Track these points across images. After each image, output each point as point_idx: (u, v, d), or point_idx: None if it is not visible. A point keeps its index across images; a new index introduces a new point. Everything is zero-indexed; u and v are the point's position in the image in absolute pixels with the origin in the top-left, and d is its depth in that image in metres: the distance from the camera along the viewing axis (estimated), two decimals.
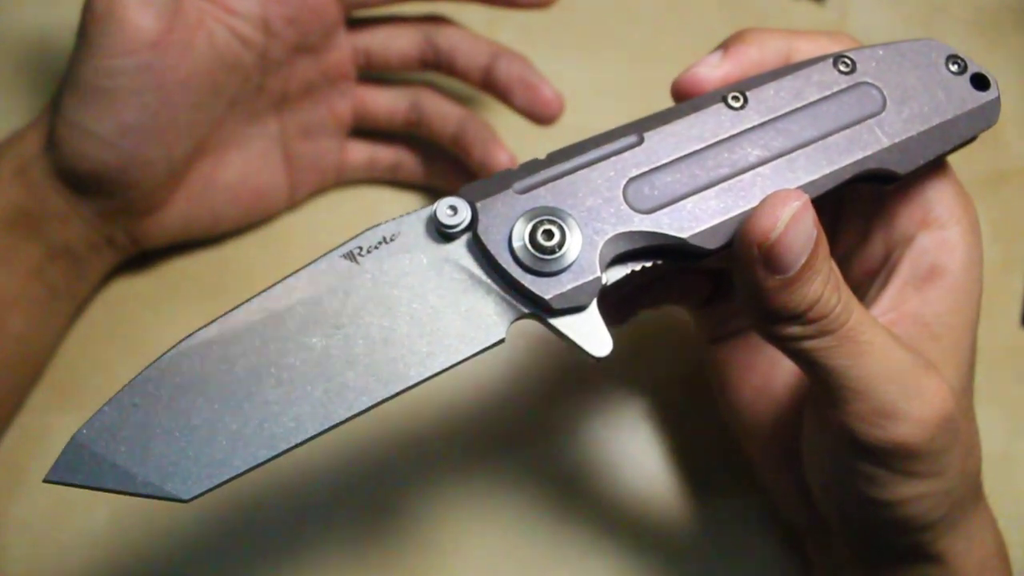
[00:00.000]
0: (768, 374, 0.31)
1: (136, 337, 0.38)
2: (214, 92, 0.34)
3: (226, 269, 0.40)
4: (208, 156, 0.37)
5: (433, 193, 0.40)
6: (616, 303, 0.32)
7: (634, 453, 0.37)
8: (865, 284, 0.28)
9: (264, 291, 0.22)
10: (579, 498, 0.36)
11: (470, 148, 0.38)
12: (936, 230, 0.27)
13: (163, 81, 0.32)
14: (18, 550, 0.35)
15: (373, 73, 0.39)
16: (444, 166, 0.40)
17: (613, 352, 0.22)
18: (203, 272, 0.40)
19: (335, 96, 0.38)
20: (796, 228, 0.22)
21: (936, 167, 0.27)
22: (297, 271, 0.22)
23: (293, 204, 0.40)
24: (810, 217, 0.22)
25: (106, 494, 0.35)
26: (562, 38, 0.45)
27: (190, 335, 0.21)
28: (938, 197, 0.27)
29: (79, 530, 0.35)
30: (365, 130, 0.40)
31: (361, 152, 0.40)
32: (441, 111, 0.38)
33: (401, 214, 0.23)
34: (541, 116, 0.37)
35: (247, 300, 0.22)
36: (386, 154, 0.40)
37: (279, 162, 0.39)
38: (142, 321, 0.39)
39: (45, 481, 0.20)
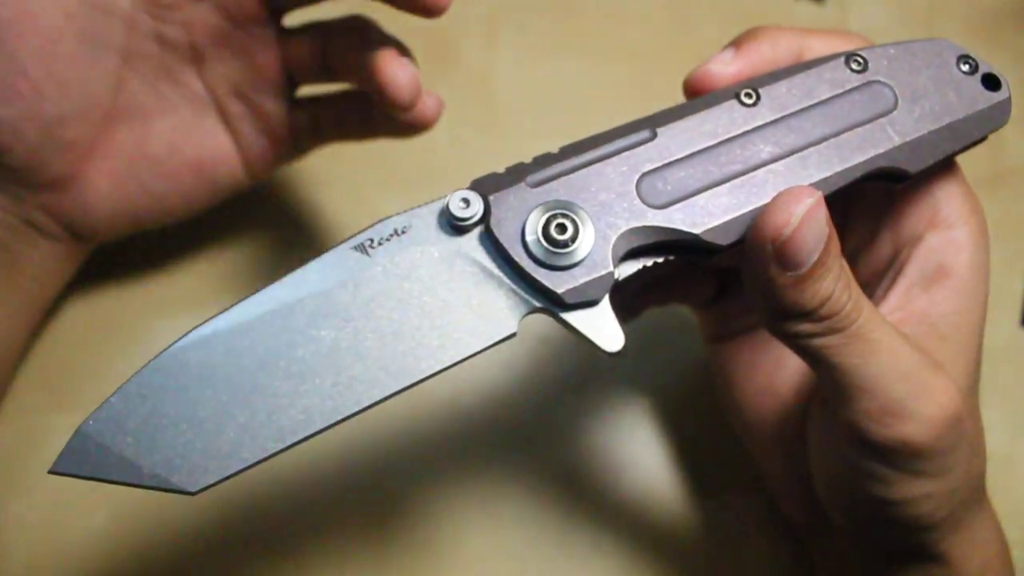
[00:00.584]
0: (773, 373, 0.32)
1: (136, 337, 0.38)
2: (89, 41, 0.32)
3: (227, 269, 0.39)
4: (125, 124, 0.34)
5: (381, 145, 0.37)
6: (623, 301, 0.32)
7: (636, 452, 0.37)
8: (872, 283, 0.28)
9: (274, 282, 0.22)
10: (581, 497, 0.36)
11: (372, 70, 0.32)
12: (944, 230, 0.27)
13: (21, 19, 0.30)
14: (18, 550, 0.35)
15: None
16: (384, 113, 0.36)
17: (621, 351, 0.22)
18: (205, 272, 0.39)
19: (254, 46, 0.34)
20: (809, 225, 0.22)
21: (945, 168, 0.27)
22: (308, 263, 0.22)
23: (254, 177, 0.37)
24: (823, 214, 0.22)
25: (106, 494, 0.35)
26: (562, 38, 0.45)
27: (198, 326, 0.21)
28: (946, 197, 0.27)
29: (79, 530, 0.35)
30: (308, 96, 0.37)
31: (304, 113, 0.36)
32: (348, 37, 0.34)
33: (412, 207, 0.23)
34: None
35: (256, 291, 0.21)
36: (328, 110, 0.36)
37: (218, 127, 0.35)
38: (142, 320, 0.38)
39: (51, 472, 0.20)
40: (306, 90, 0.36)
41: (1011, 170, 0.42)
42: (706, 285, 0.33)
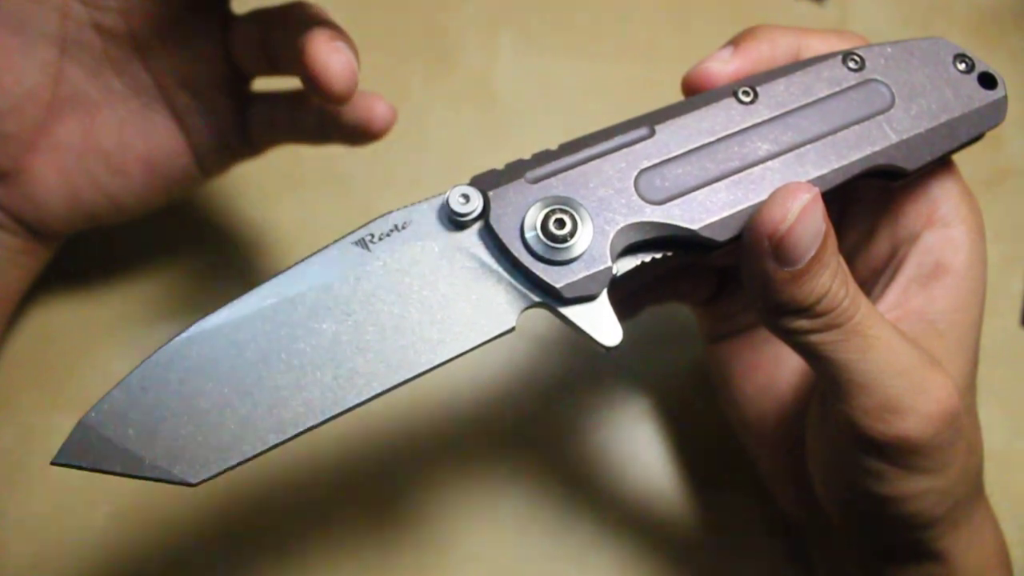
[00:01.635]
0: (772, 371, 0.32)
1: (136, 337, 0.38)
2: (21, 31, 0.31)
3: (227, 269, 0.40)
4: (70, 116, 0.33)
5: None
6: (622, 299, 0.33)
7: (636, 450, 0.37)
8: (870, 281, 0.29)
9: (275, 276, 0.22)
10: (581, 495, 0.37)
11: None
12: (941, 228, 0.27)
13: None
14: (18, 549, 0.35)
15: None
16: (336, 119, 0.35)
17: (619, 345, 0.23)
18: (205, 272, 0.40)
19: (198, 35, 0.33)
20: (806, 221, 0.22)
21: (942, 166, 0.27)
22: (309, 257, 0.22)
23: (208, 173, 0.36)
24: (820, 210, 0.23)
25: (106, 493, 0.35)
26: (562, 38, 0.45)
27: (200, 319, 0.21)
28: (944, 196, 0.27)
29: (79, 530, 0.35)
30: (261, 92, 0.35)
31: (260, 109, 0.35)
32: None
33: (412, 203, 0.23)
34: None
35: (258, 286, 0.22)
36: (281, 110, 0.35)
37: (168, 122, 0.34)
38: (142, 320, 0.39)
39: (53, 464, 0.20)
40: (264, 84, 0.35)
41: (1011, 170, 0.42)
42: (705, 283, 0.33)
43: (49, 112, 0.33)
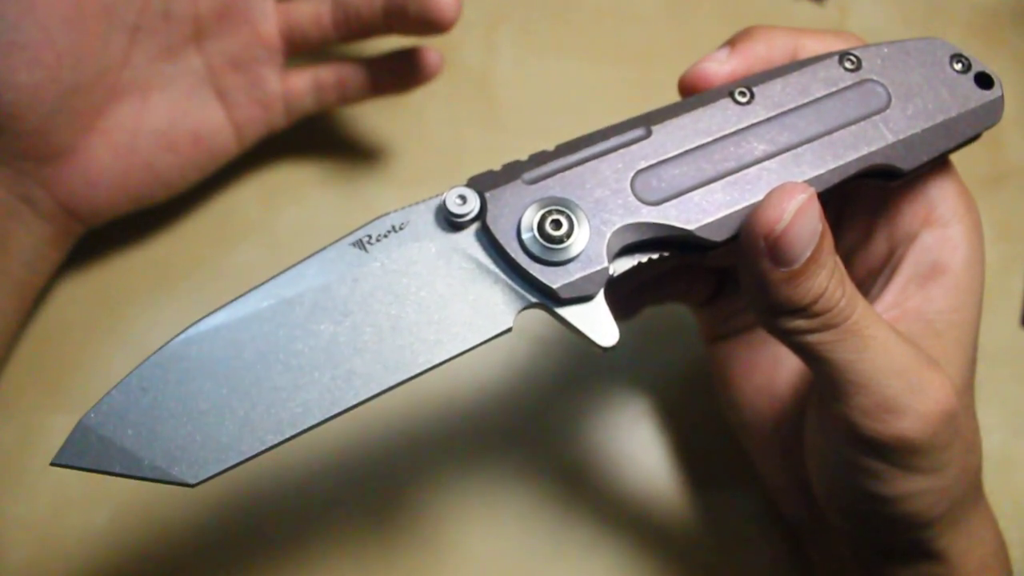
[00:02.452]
0: (770, 372, 0.32)
1: (136, 336, 0.38)
2: (107, 17, 0.33)
3: (225, 268, 0.40)
4: (126, 99, 0.35)
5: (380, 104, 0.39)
6: (621, 298, 0.33)
7: (635, 450, 0.38)
8: (868, 281, 0.29)
9: (273, 277, 0.22)
10: (581, 495, 0.37)
11: (404, 6, 0.35)
12: (939, 228, 0.27)
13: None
14: (18, 550, 0.35)
15: None
16: (388, 69, 0.38)
17: (617, 346, 0.23)
18: (203, 271, 0.40)
19: (256, 16, 0.36)
20: (802, 220, 0.23)
21: (939, 166, 0.27)
22: (307, 258, 0.22)
23: (243, 146, 0.39)
24: (816, 210, 0.23)
25: (106, 493, 0.35)
26: (562, 38, 0.45)
27: (199, 320, 0.22)
28: (941, 195, 0.27)
29: (79, 530, 0.35)
30: (302, 55, 0.39)
31: (303, 78, 0.38)
32: None
33: (410, 203, 0.23)
34: (435, 21, 0.35)
35: (256, 286, 0.22)
36: (328, 72, 0.38)
37: (212, 100, 0.37)
38: (142, 319, 0.39)
39: (52, 464, 0.20)
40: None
41: (1011, 170, 0.42)
42: (704, 284, 0.34)
43: (112, 95, 0.35)
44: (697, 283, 0.34)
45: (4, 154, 0.33)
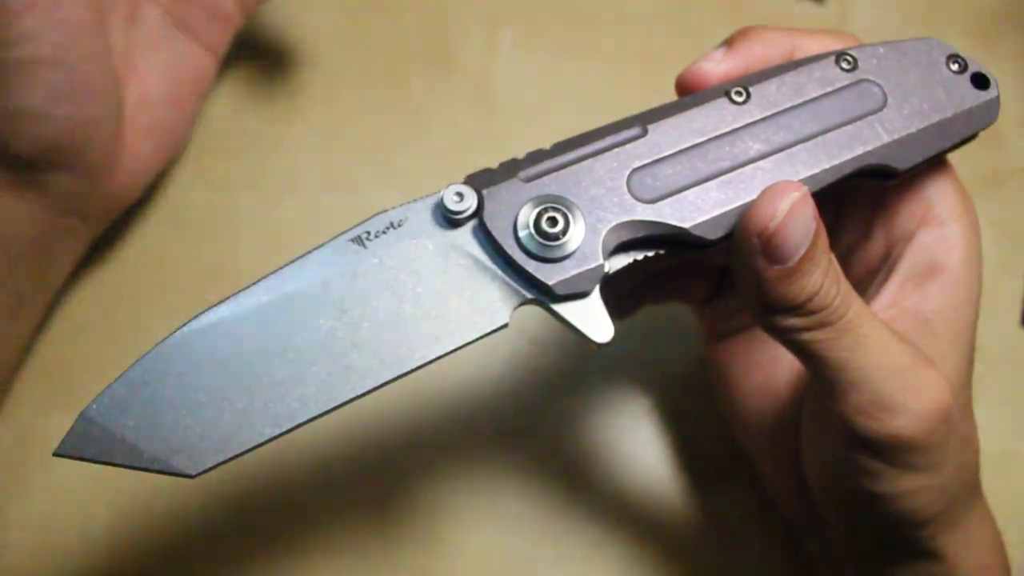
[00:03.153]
0: (769, 371, 0.32)
1: (137, 336, 0.37)
2: (92, 7, 0.33)
3: (225, 268, 0.40)
4: (128, 81, 0.36)
5: None
6: (620, 297, 0.33)
7: (636, 450, 0.38)
8: (866, 281, 0.29)
9: (273, 272, 0.23)
10: (582, 495, 0.37)
11: None
12: (936, 227, 0.27)
13: (58, 25, 0.31)
14: (18, 550, 0.35)
15: None
16: None
17: (618, 345, 0.23)
18: (203, 271, 0.40)
19: None
20: (795, 218, 0.23)
21: (936, 165, 0.28)
22: (306, 254, 0.23)
23: (220, 63, 0.39)
24: (809, 208, 0.23)
25: (106, 493, 0.36)
26: (562, 38, 0.45)
27: (199, 314, 0.22)
28: (938, 195, 0.28)
29: (79, 530, 0.35)
30: None
31: None
32: None
33: (408, 201, 0.24)
34: None
35: (256, 281, 0.22)
36: None
37: (182, 39, 0.38)
38: (142, 320, 0.39)
39: (55, 455, 0.21)
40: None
41: (1011, 170, 0.43)
42: (703, 283, 0.34)
43: (119, 82, 0.35)
44: (697, 282, 0.34)
45: (72, 183, 0.34)
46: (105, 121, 0.33)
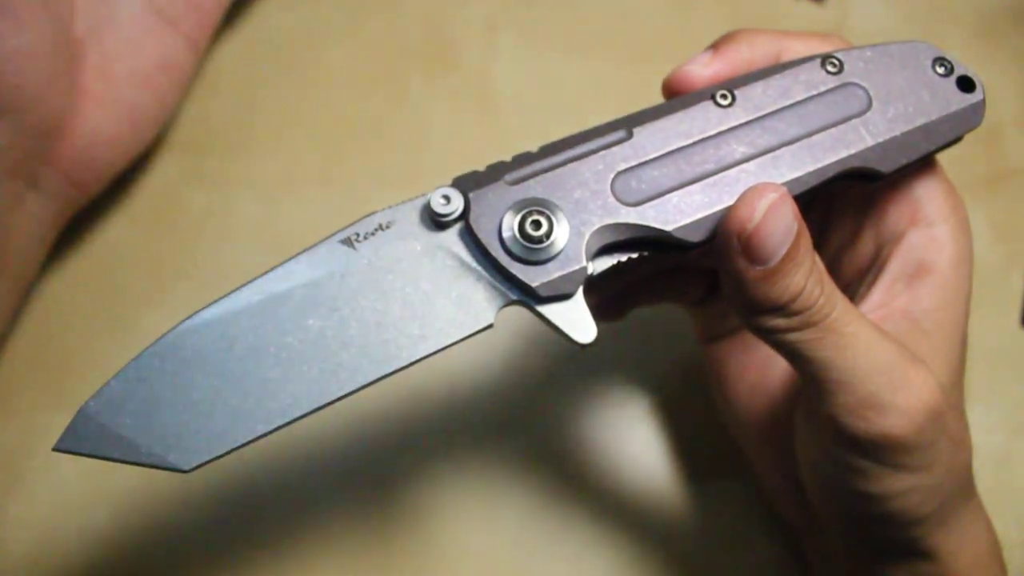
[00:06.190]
0: (763, 372, 0.33)
1: (136, 336, 0.39)
2: None
3: (225, 268, 0.41)
4: (89, 49, 0.37)
5: None
6: (612, 299, 0.34)
7: (635, 450, 0.38)
8: (856, 281, 0.30)
9: (264, 274, 0.24)
10: (581, 495, 0.38)
11: None
12: (925, 227, 0.28)
13: None
14: (18, 550, 0.36)
15: None
16: None
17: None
18: (203, 271, 0.41)
19: None
20: (774, 218, 0.24)
21: (925, 166, 0.28)
22: (296, 255, 0.24)
23: (200, 56, 0.41)
24: (789, 208, 0.24)
25: (106, 493, 0.37)
26: (562, 38, 0.46)
27: (194, 314, 0.23)
28: (927, 195, 0.28)
29: (79, 530, 0.36)
30: None
31: None
32: None
33: (396, 203, 0.25)
34: None
35: (248, 282, 0.24)
36: None
37: (157, 23, 0.39)
38: (142, 320, 0.40)
39: (54, 450, 0.22)
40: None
41: (1011, 170, 0.43)
42: (696, 285, 0.34)
43: (78, 47, 0.36)
44: (689, 284, 0.34)
45: (12, 136, 0.34)
46: (36, 57, 0.34)
